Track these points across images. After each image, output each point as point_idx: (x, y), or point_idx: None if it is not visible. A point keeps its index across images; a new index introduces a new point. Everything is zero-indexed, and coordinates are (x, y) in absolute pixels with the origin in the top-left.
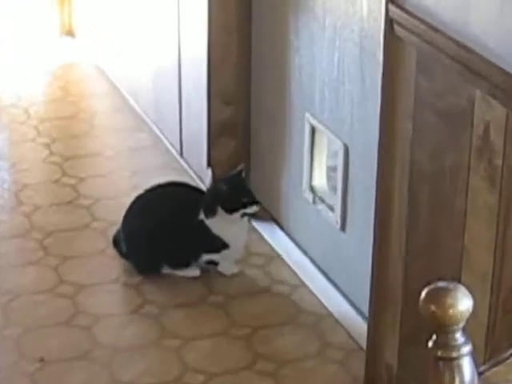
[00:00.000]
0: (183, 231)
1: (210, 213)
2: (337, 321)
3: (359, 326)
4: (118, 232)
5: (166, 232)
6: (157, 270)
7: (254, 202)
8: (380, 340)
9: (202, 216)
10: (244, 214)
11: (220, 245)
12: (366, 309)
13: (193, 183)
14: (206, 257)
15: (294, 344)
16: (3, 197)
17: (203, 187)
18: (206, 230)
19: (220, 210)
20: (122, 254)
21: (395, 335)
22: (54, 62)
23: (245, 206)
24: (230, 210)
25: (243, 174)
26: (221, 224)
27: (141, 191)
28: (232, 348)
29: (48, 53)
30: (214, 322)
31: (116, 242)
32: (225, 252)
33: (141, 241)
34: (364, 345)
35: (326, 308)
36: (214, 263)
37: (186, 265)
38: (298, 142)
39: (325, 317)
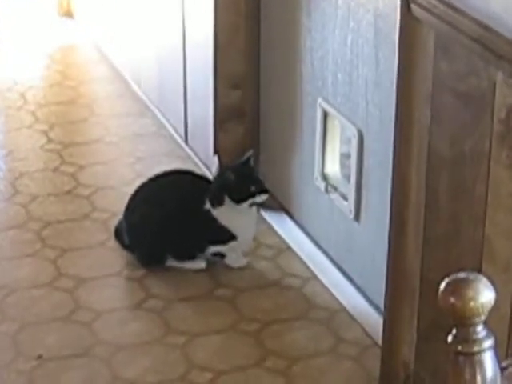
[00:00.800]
0: (188, 222)
1: (217, 202)
2: (351, 315)
3: (374, 320)
4: (120, 223)
5: (171, 222)
6: (161, 263)
7: (263, 191)
8: (396, 335)
9: (208, 206)
10: (252, 204)
11: (227, 236)
12: (381, 303)
13: (198, 171)
14: (212, 248)
15: (306, 340)
16: None
17: (209, 175)
18: (213, 220)
19: (227, 200)
20: (125, 246)
21: (412, 330)
22: (52, 44)
23: (253, 195)
24: (238, 200)
25: (251, 162)
26: (228, 214)
27: (144, 179)
28: (240, 344)
29: (46, 34)
30: (222, 316)
31: (118, 233)
32: (232, 244)
33: (144, 232)
34: (379, 340)
35: (339, 302)
36: (221, 255)
37: (192, 257)
38: (309, 127)
39: (338, 311)
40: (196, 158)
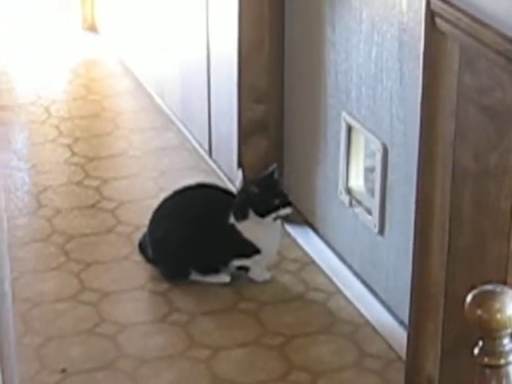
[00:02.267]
0: (213, 235)
1: (241, 216)
2: (375, 330)
3: (398, 335)
4: (144, 236)
5: (195, 236)
6: (185, 276)
7: (287, 204)
8: (420, 350)
9: (232, 219)
10: (276, 217)
11: (251, 250)
12: (405, 317)
13: (222, 185)
14: (236, 262)
15: (330, 354)
16: (23, 200)
17: (233, 189)
18: (237, 234)
19: (251, 214)
20: (149, 260)
21: (437, 345)
22: (75, 58)
23: (277, 209)
24: (262, 213)
25: (275, 175)
26: (252, 228)
27: (167, 193)
28: (264, 358)
29: (70, 49)
30: (246, 330)
31: (142, 246)
32: (256, 257)
33: (168, 245)
34: (403, 355)
35: (363, 316)
36: (245, 269)
37: (216, 271)
38: (333, 141)
39: (362, 325)
40: (220, 171)
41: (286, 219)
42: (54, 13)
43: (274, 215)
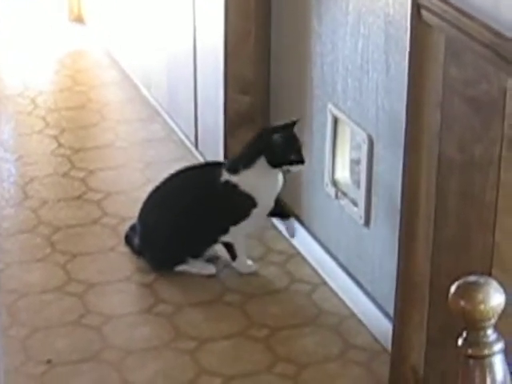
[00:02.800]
0: (204, 210)
1: (245, 165)
2: (360, 321)
3: (384, 326)
4: (131, 228)
5: (187, 218)
6: (172, 266)
7: (302, 161)
8: (406, 341)
9: (225, 177)
10: (287, 171)
11: (249, 204)
12: (390, 308)
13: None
14: (227, 236)
15: (316, 345)
16: (9, 191)
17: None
18: (233, 189)
19: (259, 162)
20: (135, 251)
21: (422, 336)
22: (62, 49)
23: (291, 163)
24: (276, 164)
25: (295, 129)
26: (251, 178)
27: (153, 185)
28: (250, 350)
29: (56, 40)
30: (231, 322)
31: (128, 238)
32: (252, 217)
33: (159, 232)
34: (389, 346)
35: (348, 308)
36: (232, 253)
37: (211, 243)
38: (319, 133)
39: (347, 317)
40: None
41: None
42: (41, 4)
43: (285, 168)
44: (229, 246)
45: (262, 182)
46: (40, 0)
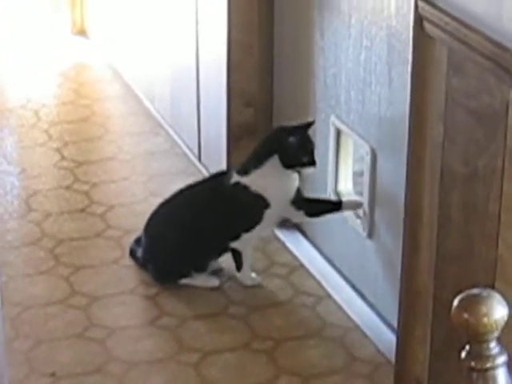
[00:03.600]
0: (216, 213)
1: (256, 164)
2: (364, 333)
3: (387, 338)
4: (135, 241)
5: (196, 226)
6: (176, 278)
7: (314, 164)
8: (409, 353)
9: (235, 178)
10: (299, 172)
11: (261, 204)
12: (394, 321)
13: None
14: (237, 243)
15: (319, 358)
16: (13, 204)
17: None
18: (244, 190)
19: (272, 161)
20: (140, 264)
21: (425, 348)
22: (65, 62)
23: (303, 166)
24: (289, 165)
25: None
26: (263, 178)
27: (157, 197)
28: (254, 362)
29: (59, 53)
30: (235, 334)
31: (133, 251)
32: (267, 212)
33: (165, 245)
34: (393, 358)
35: (352, 320)
36: (238, 262)
37: (218, 254)
38: (322, 145)
39: (351, 329)
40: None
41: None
42: (44, 17)
43: (297, 169)
44: (236, 254)
45: (273, 181)
46: (43, 13)
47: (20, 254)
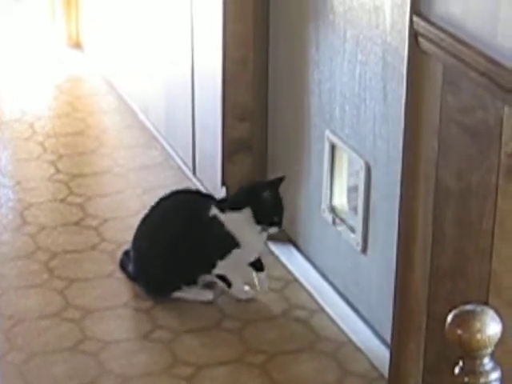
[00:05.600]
0: (193, 237)
1: (234, 208)
2: (357, 348)
3: (381, 353)
4: (125, 254)
5: (177, 245)
6: (168, 292)
7: (279, 224)
8: (403, 368)
9: (214, 211)
10: (263, 230)
11: (232, 243)
12: (388, 335)
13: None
14: (217, 270)
15: (313, 372)
16: (7, 216)
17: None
18: (219, 225)
19: (246, 211)
20: (131, 277)
21: (419, 363)
22: (60, 75)
23: (271, 225)
24: (258, 221)
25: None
26: (237, 221)
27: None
28: (247, 376)
29: (54, 66)
30: (228, 348)
31: (123, 263)
32: (236, 252)
33: (152, 260)
34: (386, 373)
35: (345, 334)
36: (227, 283)
37: (197, 278)
38: (317, 160)
39: (345, 344)
40: (204, 189)
41: (270, 237)
42: (39, 29)
43: (264, 226)
44: (221, 277)
45: (246, 228)
46: (38, 26)
47: (14, 267)
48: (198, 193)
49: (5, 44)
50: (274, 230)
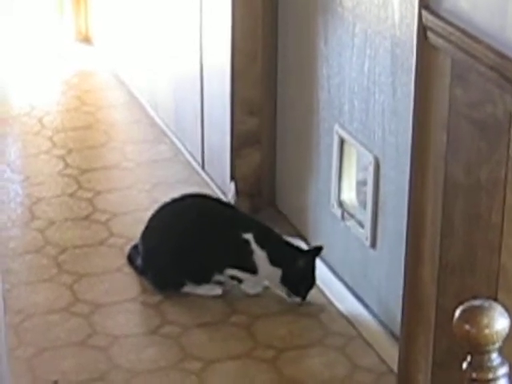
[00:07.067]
0: (212, 242)
1: (271, 254)
2: (367, 342)
3: (390, 347)
4: (133, 248)
5: (190, 244)
6: (176, 288)
7: (304, 297)
8: (412, 363)
9: (248, 236)
10: (285, 291)
11: (252, 269)
12: (397, 330)
13: (210, 195)
14: (231, 271)
15: (322, 366)
16: (16, 211)
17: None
18: (248, 250)
19: (276, 269)
20: (139, 271)
21: (428, 358)
22: (69, 69)
23: (295, 293)
24: (283, 283)
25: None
26: (265, 262)
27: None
28: (256, 371)
29: (63, 60)
30: (238, 343)
31: (131, 258)
32: (251, 275)
33: (161, 255)
34: (395, 368)
35: (355, 329)
36: (238, 280)
37: (208, 280)
38: (326, 154)
39: (354, 338)
40: (213, 184)
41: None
42: (48, 24)
43: (287, 291)
44: (233, 276)
45: (270, 270)
46: (47, 20)
47: (23, 262)
48: (212, 198)
49: (13, 39)
50: (296, 299)
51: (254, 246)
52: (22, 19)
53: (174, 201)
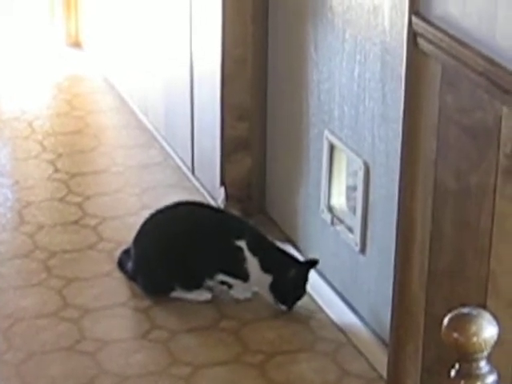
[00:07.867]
0: (204, 248)
1: (262, 258)
2: (356, 348)
3: (379, 353)
4: (123, 253)
5: (181, 248)
6: (165, 292)
7: (290, 307)
8: (401, 369)
9: (242, 244)
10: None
11: (244, 276)
12: (386, 336)
13: (205, 202)
14: (221, 277)
15: (311, 372)
16: (5, 215)
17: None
18: (240, 258)
19: (267, 276)
20: (129, 277)
21: (417, 364)
22: (59, 74)
23: (282, 302)
24: (271, 290)
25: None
26: (257, 269)
27: (150, 210)
28: (245, 376)
29: (53, 64)
30: (227, 348)
31: (121, 262)
32: (242, 282)
33: (152, 260)
34: (384, 373)
35: (344, 334)
36: (228, 285)
37: (198, 286)
38: (315, 159)
39: (343, 344)
40: (202, 189)
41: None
42: (39, 28)
43: (275, 299)
44: (223, 282)
45: (261, 276)
46: (38, 24)
47: (12, 266)
48: (205, 205)
49: (4, 42)
50: (282, 307)
51: (246, 253)
52: (13, 23)
53: (168, 208)
